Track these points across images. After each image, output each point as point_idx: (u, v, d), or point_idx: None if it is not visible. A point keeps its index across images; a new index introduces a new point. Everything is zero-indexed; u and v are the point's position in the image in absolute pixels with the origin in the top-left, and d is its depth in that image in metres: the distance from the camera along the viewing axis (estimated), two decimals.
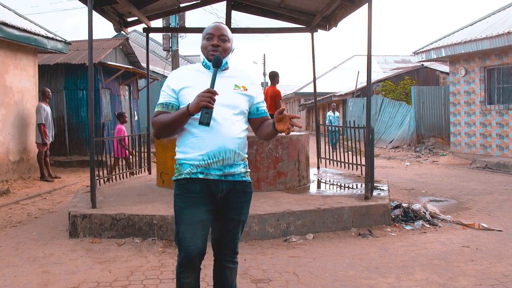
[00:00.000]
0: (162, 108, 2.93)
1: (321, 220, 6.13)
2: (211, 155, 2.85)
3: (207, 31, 2.99)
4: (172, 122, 2.81)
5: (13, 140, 11.31)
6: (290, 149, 7.57)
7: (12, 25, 10.57)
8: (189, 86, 2.90)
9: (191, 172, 2.88)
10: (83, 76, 15.16)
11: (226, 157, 2.88)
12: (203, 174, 2.88)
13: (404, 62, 42.07)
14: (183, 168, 2.91)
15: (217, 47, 2.95)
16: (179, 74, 3.03)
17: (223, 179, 2.92)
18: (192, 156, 2.87)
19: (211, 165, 2.87)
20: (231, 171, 2.93)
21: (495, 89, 14.88)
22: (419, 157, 17.05)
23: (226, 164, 2.91)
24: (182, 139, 2.94)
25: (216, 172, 2.89)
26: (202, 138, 2.85)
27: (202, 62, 3.02)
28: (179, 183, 2.92)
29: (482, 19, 16.18)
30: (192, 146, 2.88)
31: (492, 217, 7.10)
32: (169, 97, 2.95)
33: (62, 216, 7.23)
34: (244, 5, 10.59)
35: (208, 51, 2.95)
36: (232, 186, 2.96)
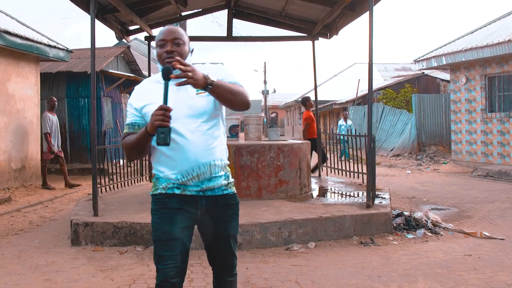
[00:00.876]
0: (128, 129, 2.76)
1: (322, 229, 6.13)
2: (184, 173, 2.66)
3: (159, 37, 2.74)
4: (136, 144, 2.63)
5: (15, 148, 11.32)
6: (291, 157, 7.58)
7: (14, 33, 10.62)
8: (150, 103, 2.65)
9: (167, 187, 2.70)
10: (85, 84, 15.20)
11: (201, 172, 2.68)
12: (179, 189, 2.70)
13: (404, 70, 42.12)
14: (159, 183, 2.74)
15: (172, 53, 2.68)
16: (139, 90, 2.81)
17: (201, 195, 2.73)
18: (165, 175, 2.70)
19: (187, 182, 2.69)
20: (209, 185, 2.73)
21: (496, 97, 14.90)
22: (420, 165, 17.05)
23: (203, 179, 2.71)
24: (154, 157, 2.76)
25: (193, 188, 2.71)
26: (173, 158, 2.66)
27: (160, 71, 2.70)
28: (156, 198, 2.74)
29: (483, 27, 16.22)
30: (164, 165, 2.70)
31: (494, 225, 7.09)
32: (134, 116, 2.76)
33: (64, 224, 7.22)
34: (245, 14, 10.65)
35: (164, 59, 2.68)
36: (212, 201, 2.76)
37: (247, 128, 8.78)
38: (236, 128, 8.78)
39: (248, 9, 10.52)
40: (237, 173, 7.29)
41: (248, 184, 7.33)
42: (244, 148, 7.35)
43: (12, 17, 12.45)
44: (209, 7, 10.79)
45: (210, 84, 2.46)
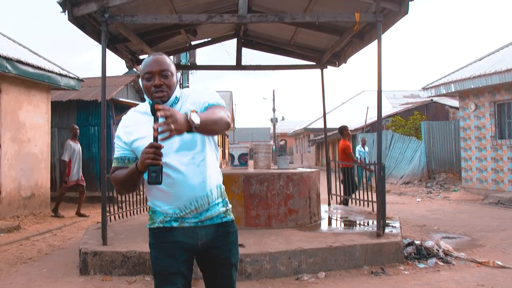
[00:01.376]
0: (118, 163, 2.64)
1: (333, 258, 6.07)
2: (182, 208, 2.59)
3: (145, 69, 2.57)
4: (126, 181, 2.53)
5: (24, 176, 11.37)
6: (301, 186, 7.56)
7: (26, 63, 10.75)
8: (141, 137, 2.56)
9: (165, 221, 2.62)
10: (95, 112, 15.31)
11: (199, 205, 2.61)
12: (177, 222, 2.61)
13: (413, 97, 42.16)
14: (156, 216, 2.64)
15: (160, 87, 2.54)
16: (128, 123, 2.67)
17: (200, 225, 2.64)
18: (162, 209, 2.62)
19: (185, 216, 2.61)
20: (208, 215, 2.65)
21: (505, 124, 14.85)
22: (431, 192, 16.94)
23: (202, 211, 2.62)
24: (149, 192, 2.66)
25: (191, 220, 2.62)
26: (169, 193, 2.56)
27: (149, 103, 2.60)
28: (153, 231, 2.66)
29: (491, 54, 16.27)
30: (160, 199, 2.61)
31: (507, 254, 7.00)
32: (122, 150, 2.64)
33: (73, 253, 7.20)
34: (254, 43, 10.76)
35: (152, 93, 2.54)
36: (212, 230, 2.67)
37: (256, 156, 8.79)
38: (245, 157, 8.78)
39: (257, 38, 10.63)
40: (247, 202, 7.27)
41: (257, 213, 7.30)
42: (254, 176, 7.34)
43: (24, 47, 12.63)
44: (218, 37, 10.93)
45: (194, 127, 2.29)
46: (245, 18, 7.11)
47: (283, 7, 8.59)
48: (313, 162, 45.30)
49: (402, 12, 6.71)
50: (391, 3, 6.70)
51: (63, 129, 15.32)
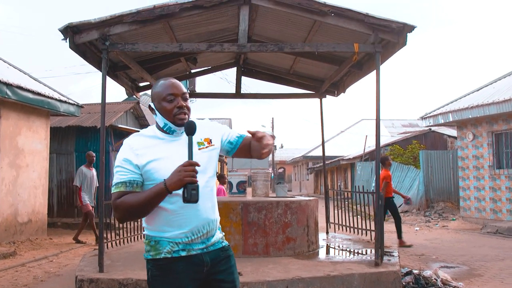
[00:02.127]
0: (125, 188, 2.51)
1: (331, 287, 6.03)
2: (195, 231, 2.56)
3: (166, 91, 2.60)
4: (147, 203, 2.44)
5: (22, 202, 11.35)
6: (299, 214, 7.54)
7: (26, 89, 10.83)
8: (155, 159, 2.53)
9: (173, 251, 2.55)
10: (94, 138, 15.34)
11: (209, 228, 2.62)
12: (185, 251, 2.56)
13: (411, 126, 42.36)
14: (162, 246, 2.56)
15: (183, 109, 2.60)
16: (136, 146, 2.59)
17: (205, 251, 2.62)
18: (172, 235, 2.54)
19: (195, 241, 2.57)
20: (212, 240, 2.66)
21: (503, 154, 14.90)
22: (429, 221, 16.89)
23: (209, 236, 2.64)
24: (155, 217, 2.56)
25: (198, 246, 2.59)
26: (182, 215, 2.52)
27: (163, 126, 2.63)
28: (158, 263, 2.56)
29: (489, 84, 16.39)
30: (171, 225, 2.53)
31: (506, 284, 6.97)
32: (131, 173, 2.53)
33: (69, 280, 7.15)
34: (254, 71, 10.85)
35: (175, 114, 2.57)
36: (215, 255, 2.66)
37: (254, 184, 8.78)
38: (243, 184, 8.79)
39: (256, 67, 10.72)
40: (245, 230, 7.24)
41: (255, 241, 7.27)
42: (252, 204, 7.33)
43: (24, 73, 12.73)
44: (218, 65, 11.02)
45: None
46: (245, 48, 7.19)
47: (282, 37, 8.70)
48: (311, 190, 45.24)
49: (400, 43, 6.79)
50: (390, 34, 6.78)
51: (62, 155, 15.36)
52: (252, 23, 8.05)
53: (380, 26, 6.70)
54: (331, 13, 6.74)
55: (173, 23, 7.47)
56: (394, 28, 6.66)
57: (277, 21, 8.03)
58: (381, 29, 6.74)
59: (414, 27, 6.57)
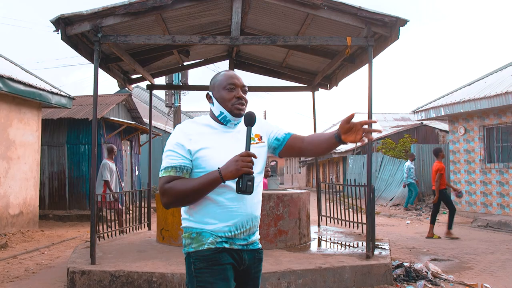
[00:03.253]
0: (176, 173, 2.47)
1: (322, 279, 6.07)
2: (239, 226, 2.52)
3: (227, 80, 2.60)
4: (199, 190, 2.41)
5: (13, 194, 11.31)
6: (291, 207, 7.57)
7: (18, 80, 10.77)
8: (207, 147, 2.50)
9: (216, 242, 2.49)
10: (86, 130, 15.31)
11: (253, 225, 2.59)
12: (228, 243, 2.51)
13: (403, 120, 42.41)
14: (204, 238, 2.50)
15: (242, 100, 2.59)
16: (190, 131, 2.56)
17: (245, 249, 2.58)
18: (216, 228, 2.49)
19: (238, 236, 2.53)
20: (253, 239, 2.63)
21: (494, 148, 14.98)
22: (420, 215, 16.96)
23: (251, 233, 2.60)
24: (199, 208, 2.52)
25: (240, 242, 2.55)
26: (230, 208, 2.49)
27: (219, 115, 2.61)
28: (202, 254, 2.48)
29: (480, 79, 16.45)
30: (216, 217, 2.49)
31: (495, 277, 7.02)
32: (183, 158, 2.49)
33: (61, 272, 7.15)
34: (246, 64, 10.84)
35: (233, 104, 2.56)
36: (252, 255, 2.63)
37: None
38: None
39: (249, 59, 10.71)
40: None
41: None
42: None
43: (16, 64, 12.66)
44: (211, 58, 11.00)
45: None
46: (238, 40, 7.18)
47: (275, 30, 8.69)
48: (303, 183, 45.31)
49: (393, 37, 6.81)
50: (383, 28, 6.80)
51: (54, 147, 15.32)
52: (245, 15, 8.04)
53: (373, 19, 6.71)
54: (324, 6, 6.74)
55: (165, 15, 7.44)
56: (387, 22, 6.68)
57: (270, 14, 8.03)
58: (373, 22, 6.75)
59: (406, 21, 6.59)
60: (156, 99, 33.99)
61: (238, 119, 2.60)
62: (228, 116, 2.58)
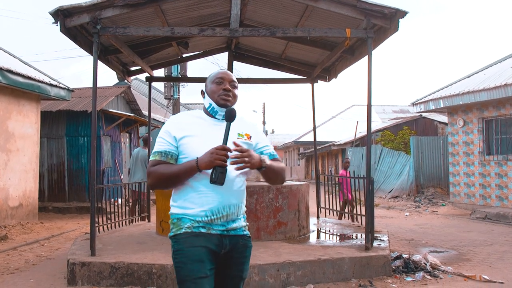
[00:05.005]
0: (160, 157, 2.70)
1: (321, 271, 6.09)
2: (214, 211, 2.66)
3: (216, 75, 2.83)
4: (177, 176, 2.63)
5: (13, 186, 11.31)
6: (290, 198, 7.58)
7: (16, 72, 10.74)
8: (191, 135, 2.70)
9: (193, 226, 2.65)
10: (85, 123, 15.30)
11: (230, 212, 2.71)
12: (205, 228, 2.66)
13: (402, 112, 42.44)
14: (183, 223, 2.67)
15: (229, 92, 2.79)
16: (180, 120, 2.80)
17: (225, 234, 2.71)
18: (193, 212, 2.66)
19: (214, 221, 2.67)
20: (233, 225, 2.74)
21: (493, 140, 14.99)
22: (419, 207, 17.01)
23: (230, 220, 2.72)
24: (180, 194, 2.72)
25: (219, 227, 2.69)
26: (206, 194, 2.65)
27: (208, 107, 2.83)
28: (180, 237, 2.67)
29: (479, 71, 16.44)
30: (193, 202, 2.67)
31: (494, 268, 7.05)
32: (168, 145, 2.72)
33: (61, 264, 7.17)
34: (245, 56, 10.81)
35: (219, 95, 2.78)
36: (234, 241, 2.74)
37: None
38: None
39: (248, 51, 10.69)
40: None
41: None
42: None
43: (15, 56, 12.62)
44: (209, 50, 10.98)
45: (263, 167, 2.70)
46: (237, 32, 7.16)
47: (275, 21, 8.67)
48: (302, 175, 45.36)
49: (392, 29, 6.80)
50: (382, 19, 6.78)
51: (53, 139, 15.32)
52: (244, 7, 8.01)
53: (372, 11, 6.69)
54: None
55: (164, 6, 7.41)
56: (386, 13, 6.66)
57: (269, 6, 8.01)
58: (373, 14, 6.73)
59: (406, 13, 6.57)
60: (155, 91, 33.93)
61: (224, 110, 2.74)
62: (216, 107, 2.79)
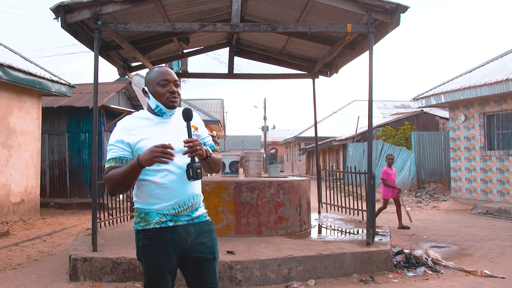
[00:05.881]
0: (116, 163, 2.78)
1: (322, 266, 6.10)
2: (181, 204, 2.82)
3: (160, 76, 2.89)
4: (124, 177, 2.68)
5: (14, 182, 11.33)
6: (291, 194, 7.59)
7: (17, 68, 10.74)
8: (145, 138, 2.80)
9: (161, 221, 2.80)
10: (86, 119, 15.30)
11: (194, 202, 2.89)
12: (172, 221, 2.82)
13: (403, 107, 42.41)
14: (151, 217, 2.81)
15: (175, 94, 2.89)
16: (128, 126, 2.87)
17: (191, 223, 2.88)
18: (160, 207, 2.80)
19: (181, 213, 2.83)
20: (196, 214, 2.91)
21: (494, 135, 14.98)
22: (420, 202, 17.01)
23: (193, 209, 2.90)
24: (144, 190, 2.84)
25: (184, 218, 2.85)
26: (170, 188, 2.80)
27: (155, 108, 2.91)
28: (148, 233, 2.81)
29: (481, 66, 16.41)
30: (159, 197, 2.80)
31: (495, 263, 7.06)
32: (122, 150, 2.80)
33: (62, 259, 7.18)
34: (246, 51, 10.80)
35: (167, 97, 2.86)
36: (200, 227, 2.91)
37: (247, 164, 8.81)
38: (236, 164, 8.81)
39: (249, 47, 10.68)
40: (237, 210, 7.29)
41: (248, 221, 7.32)
42: (244, 184, 7.37)
43: (15, 52, 12.61)
44: (210, 45, 10.97)
45: (208, 157, 2.82)
46: (238, 27, 7.16)
47: (276, 17, 8.66)
48: (303, 171, 45.37)
49: (393, 24, 6.78)
50: (383, 14, 6.77)
51: (54, 135, 15.32)
52: (245, 2, 8.00)
53: (373, 6, 6.68)
54: None
55: (165, 2, 7.41)
56: (387, 8, 6.65)
57: (270, 1, 7.99)
58: (374, 9, 6.72)
59: (407, 8, 6.56)
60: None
61: (172, 111, 2.92)
62: (163, 108, 2.90)
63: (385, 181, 10.79)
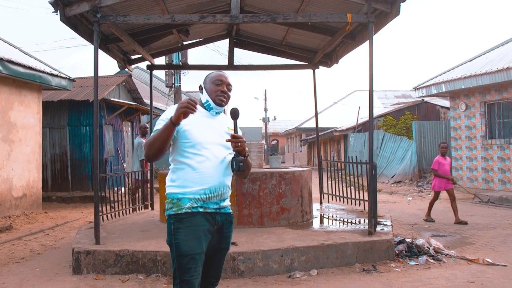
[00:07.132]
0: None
1: (325, 256, 6.12)
2: (212, 190, 3.07)
3: (216, 77, 3.22)
4: (160, 135, 2.93)
5: (16, 176, 11.35)
6: (293, 184, 7.60)
7: (17, 63, 10.73)
8: (191, 123, 3.06)
9: (192, 206, 3.03)
10: (87, 112, 15.30)
11: (223, 191, 3.15)
12: (202, 208, 3.06)
13: (404, 97, 42.36)
14: (183, 203, 3.04)
15: (225, 94, 3.20)
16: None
17: (218, 212, 3.14)
18: (193, 190, 3.04)
19: (210, 199, 3.08)
20: (223, 204, 3.17)
21: (495, 124, 14.98)
22: (421, 191, 17.02)
23: (222, 199, 3.15)
24: (180, 174, 3.09)
25: (213, 205, 3.10)
26: (205, 174, 3.05)
27: (205, 103, 3.22)
28: (180, 217, 3.04)
29: (481, 54, 16.38)
30: (194, 181, 3.05)
31: (496, 252, 7.07)
32: None
33: (65, 252, 7.21)
34: (246, 43, 10.79)
35: (217, 95, 3.18)
36: (225, 217, 3.19)
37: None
38: None
39: (249, 38, 10.66)
40: (239, 201, 7.30)
41: (250, 212, 7.34)
42: None
43: (15, 47, 12.59)
44: (210, 37, 10.95)
45: (246, 156, 3.10)
46: (238, 18, 7.14)
47: (275, 7, 8.63)
48: (304, 162, 45.40)
49: (393, 13, 6.76)
50: (383, 4, 6.75)
51: (55, 129, 15.33)
52: None
53: None
54: None
55: None
56: None
57: None
58: None
59: None
60: (156, 80, 33.84)
61: (219, 108, 3.21)
62: (212, 104, 3.20)
63: (436, 171, 10.35)
